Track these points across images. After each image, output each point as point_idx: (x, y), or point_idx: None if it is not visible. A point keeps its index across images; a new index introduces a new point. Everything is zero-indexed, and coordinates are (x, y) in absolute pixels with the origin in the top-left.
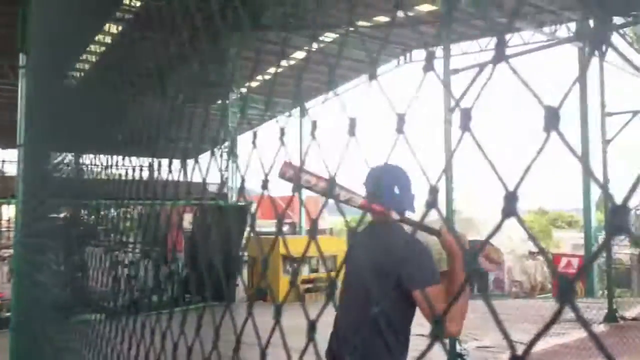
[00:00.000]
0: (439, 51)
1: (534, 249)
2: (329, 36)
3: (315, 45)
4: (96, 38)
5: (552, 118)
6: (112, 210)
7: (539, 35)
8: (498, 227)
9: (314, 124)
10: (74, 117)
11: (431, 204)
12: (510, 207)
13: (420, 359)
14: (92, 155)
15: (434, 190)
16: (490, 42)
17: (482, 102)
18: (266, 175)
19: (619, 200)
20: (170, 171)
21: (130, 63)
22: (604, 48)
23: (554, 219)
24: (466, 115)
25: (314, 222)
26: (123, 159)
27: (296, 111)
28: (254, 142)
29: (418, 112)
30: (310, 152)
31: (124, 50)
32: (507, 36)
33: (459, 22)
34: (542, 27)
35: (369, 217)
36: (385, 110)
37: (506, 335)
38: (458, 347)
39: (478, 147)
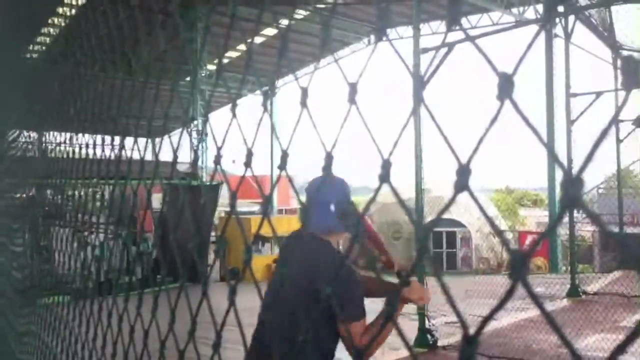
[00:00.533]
0: (408, 30)
1: (501, 227)
2: (300, 13)
3: (285, 22)
4: (59, 10)
5: (505, 85)
6: (78, 190)
7: (507, 16)
8: (451, 201)
9: (305, 91)
10: (34, 92)
11: (383, 177)
12: (462, 181)
13: (374, 339)
14: (54, 133)
15: (386, 164)
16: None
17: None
18: (219, 150)
19: (574, 172)
20: (137, 149)
21: (94, 36)
22: (569, 30)
23: (520, 198)
24: (420, 84)
25: (266, 201)
26: (83, 135)
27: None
28: (233, 112)
29: (392, 90)
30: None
31: (87, 23)
32: (476, 17)
33: (429, 1)
34: (511, 8)
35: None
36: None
37: (459, 316)
38: (427, 323)
39: (431, 118)
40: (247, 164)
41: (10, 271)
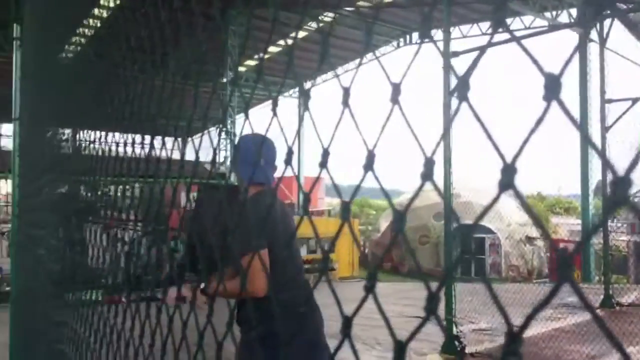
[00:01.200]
0: (438, 34)
1: (532, 234)
2: (329, 16)
3: (314, 25)
4: (93, 11)
5: (552, 86)
6: (112, 188)
7: (540, 20)
8: (495, 200)
9: (307, 93)
10: (71, 91)
11: (426, 176)
12: (507, 179)
13: (414, 335)
14: (90, 131)
15: (429, 162)
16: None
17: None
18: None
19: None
20: (168, 149)
21: (128, 38)
22: (604, 34)
23: (552, 205)
24: (464, 84)
25: (306, 199)
26: (122, 135)
27: (295, 91)
28: (274, 111)
29: (419, 96)
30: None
31: (122, 24)
32: (508, 20)
33: (460, 4)
34: (544, 12)
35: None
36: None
37: (504, 314)
38: (455, 330)
39: (475, 117)
40: (288, 162)
41: (48, 263)
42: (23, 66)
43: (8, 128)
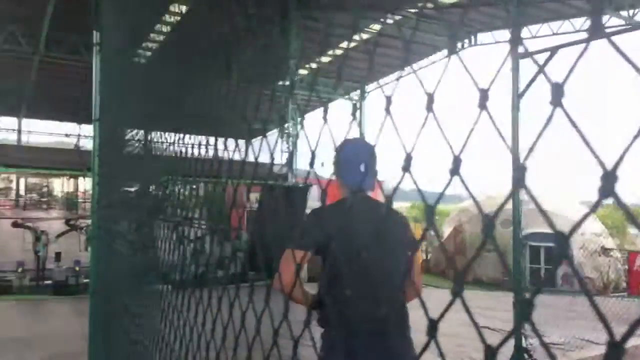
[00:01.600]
0: (506, 34)
1: (608, 245)
2: (392, 19)
3: (376, 27)
4: (163, 17)
5: None
6: (180, 187)
7: (615, 19)
8: (596, 205)
9: (389, 100)
10: (143, 94)
11: (519, 182)
12: (608, 187)
13: (505, 340)
14: (161, 133)
15: (522, 168)
16: (562, 25)
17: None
18: (313, 153)
19: None
20: (237, 150)
21: (196, 42)
22: None
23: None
24: (559, 90)
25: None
26: (189, 136)
27: (355, 93)
28: (325, 117)
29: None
30: (384, 128)
31: (190, 30)
32: (580, 20)
33: (531, 4)
34: (620, 10)
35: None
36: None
37: (606, 325)
38: (524, 342)
39: (571, 123)
40: (406, 169)
41: (126, 258)
42: (102, 70)
43: (87, 129)
